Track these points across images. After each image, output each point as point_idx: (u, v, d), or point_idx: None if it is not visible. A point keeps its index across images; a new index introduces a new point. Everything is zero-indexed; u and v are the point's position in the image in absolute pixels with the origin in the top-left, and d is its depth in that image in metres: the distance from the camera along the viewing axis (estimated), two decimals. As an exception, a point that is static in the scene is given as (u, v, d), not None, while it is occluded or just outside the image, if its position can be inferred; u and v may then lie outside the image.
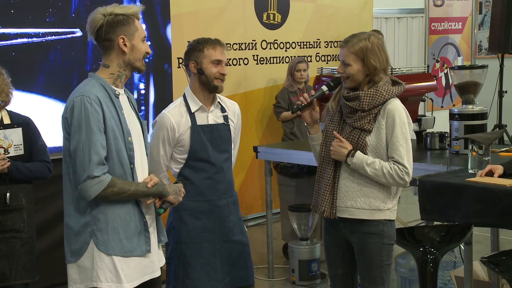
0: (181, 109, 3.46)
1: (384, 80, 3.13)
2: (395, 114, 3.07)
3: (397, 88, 3.14)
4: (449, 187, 3.46)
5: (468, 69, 4.80)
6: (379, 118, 3.10)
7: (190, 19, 6.37)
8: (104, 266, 2.75)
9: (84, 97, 2.70)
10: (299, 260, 5.10)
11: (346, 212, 3.15)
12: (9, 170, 3.49)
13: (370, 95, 3.08)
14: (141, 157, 2.90)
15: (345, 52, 3.12)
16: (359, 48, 3.09)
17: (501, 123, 7.35)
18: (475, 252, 3.71)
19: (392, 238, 3.18)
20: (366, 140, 3.10)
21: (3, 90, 3.57)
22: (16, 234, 3.57)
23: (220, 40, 3.54)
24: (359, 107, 3.10)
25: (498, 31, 7.19)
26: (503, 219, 3.27)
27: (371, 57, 3.08)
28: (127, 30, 2.79)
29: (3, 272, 3.53)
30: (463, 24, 9.43)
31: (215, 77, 3.43)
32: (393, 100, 3.12)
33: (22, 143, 3.58)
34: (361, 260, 3.19)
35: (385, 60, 3.13)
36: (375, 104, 3.08)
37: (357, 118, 3.11)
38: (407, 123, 3.11)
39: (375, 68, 3.09)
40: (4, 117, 3.60)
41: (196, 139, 3.42)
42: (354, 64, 3.09)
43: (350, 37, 3.14)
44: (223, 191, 3.50)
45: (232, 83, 6.75)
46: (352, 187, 3.13)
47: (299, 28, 7.26)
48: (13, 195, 3.55)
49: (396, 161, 3.06)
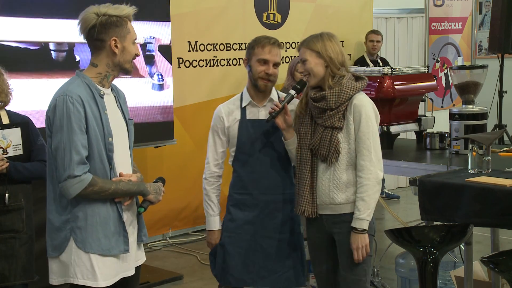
0: (235, 103, 3.50)
1: (347, 77, 3.24)
2: (361, 109, 3.18)
3: (360, 83, 3.25)
4: (449, 187, 3.46)
5: (468, 69, 4.80)
6: (347, 114, 3.21)
7: (190, 19, 6.38)
8: (81, 263, 2.80)
9: (67, 97, 2.72)
10: (299, 260, 5.09)
11: (327, 209, 3.27)
12: (8, 171, 3.48)
13: (336, 93, 3.19)
14: (124, 157, 2.93)
15: (301, 51, 3.29)
16: (312, 43, 3.25)
17: (501, 123, 7.34)
18: (475, 252, 3.71)
19: (373, 229, 3.29)
20: (338, 137, 3.20)
21: (3, 90, 3.56)
22: (15, 234, 3.56)
23: (274, 40, 3.50)
24: (327, 106, 3.21)
25: (498, 31, 7.19)
26: (503, 219, 3.27)
27: (325, 48, 3.22)
28: (120, 32, 2.80)
29: (2, 273, 3.52)
30: (463, 24, 9.43)
31: (259, 76, 3.42)
32: (358, 95, 3.23)
33: (21, 143, 3.57)
34: (343, 251, 3.26)
35: (339, 51, 3.24)
36: (341, 101, 3.19)
37: (327, 117, 3.22)
38: (373, 116, 3.22)
39: (331, 58, 3.21)
40: (3, 117, 3.60)
41: (243, 133, 3.43)
42: (310, 58, 3.23)
43: (305, 38, 3.32)
44: (268, 187, 3.45)
45: (232, 83, 6.75)
46: (329, 185, 3.24)
47: (299, 28, 7.26)
48: (12, 195, 3.54)
49: (360, 169, 3.17)
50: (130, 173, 2.95)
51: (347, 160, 3.22)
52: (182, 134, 6.24)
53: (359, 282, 3.26)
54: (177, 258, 5.94)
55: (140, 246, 3.05)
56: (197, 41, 6.49)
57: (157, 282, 5.22)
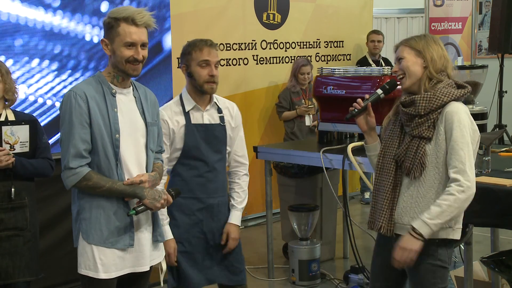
0: (177, 107, 3.46)
1: (446, 82, 2.89)
2: (453, 116, 2.81)
3: (460, 92, 2.87)
4: (449, 187, 3.45)
5: (468, 69, 4.81)
6: (438, 123, 2.84)
7: (190, 19, 6.38)
8: (85, 253, 2.87)
9: (72, 92, 2.82)
10: (299, 260, 5.10)
11: (404, 230, 2.90)
12: (14, 166, 3.53)
13: (427, 98, 2.84)
14: (138, 157, 2.94)
15: (400, 49, 2.94)
16: (414, 41, 2.91)
17: (501, 123, 7.34)
18: (475, 252, 3.72)
19: (447, 261, 2.93)
20: (425, 149, 2.85)
21: (11, 89, 3.64)
22: (19, 232, 3.59)
23: (209, 41, 3.45)
24: (415, 112, 2.85)
25: (498, 31, 7.18)
26: (503, 219, 3.27)
27: (427, 47, 2.88)
28: (109, 34, 2.85)
29: (6, 270, 3.55)
30: (463, 24, 9.43)
31: (204, 80, 3.38)
32: (453, 103, 2.85)
33: (28, 141, 3.62)
34: (413, 280, 2.98)
35: (442, 55, 2.90)
36: (432, 108, 2.83)
37: (415, 125, 2.86)
38: (468, 126, 2.82)
39: (432, 58, 2.87)
40: (9, 115, 3.65)
41: (190, 138, 3.42)
42: (408, 55, 2.89)
43: (406, 38, 3.00)
44: (214, 190, 3.50)
45: (232, 83, 6.75)
46: (411, 203, 2.90)
47: (299, 28, 7.26)
48: (16, 193, 3.57)
49: (453, 174, 2.78)
50: (144, 172, 2.96)
51: (434, 176, 2.86)
52: (182, 134, 6.23)
53: None
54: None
55: (157, 246, 3.07)
56: (197, 41, 6.48)
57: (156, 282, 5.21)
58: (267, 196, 5.23)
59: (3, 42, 4.65)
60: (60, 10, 4.88)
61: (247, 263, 5.68)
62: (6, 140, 3.55)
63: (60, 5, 4.88)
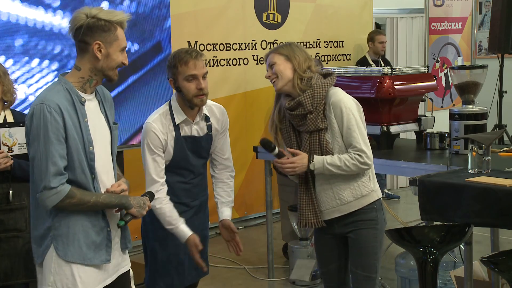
0: (166, 118, 3.42)
1: (314, 77, 3.25)
2: (340, 103, 3.18)
3: (330, 79, 3.27)
4: (449, 187, 3.45)
5: (468, 69, 4.80)
6: (327, 113, 3.21)
7: (190, 19, 6.38)
8: (61, 272, 2.71)
9: (44, 105, 2.61)
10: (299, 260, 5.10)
11: (336, 212, 3.28)
12: (12, 168, 3.50)
13: (310, 95, 3.20)
14: (107, 165, 2.83)
15: (270, 56, 3.31)
16: (282, 49, 3.29)
17: (501, 123, 7.34)
18: (475, 252, 3.71)
19: (384, 223, 3.33)
20: (326, 138, 3.21)
21: (9, 90, 3.62)
22: (18, 233, 3.57)
23: (194, 52, 3.35)
24: (305, 111, 3.21)
25: (498, 31, 7.18)
26: (503, 219, 3.27)
27: (293, 53, 3.25)
28: (106, 37, 2.69)
29: (5, 271, 3.54)
30: (463, 24, 9.43)
31: (193, 94, 3.33)
32: (333, 92, 3.23)
33: None
34: (355, 249, 3.30)
35: (306, 57, 3.28)
36: (317, 101, 3.20)
37: (309, 121, 3.22)
38: (354, 108, 3.21)
39: (299, 62, 3.24)
40: (7, 116, 3.64)
41: (179, 150, 3.44)
42: (279, 61, 3.25)
43: (274, 47, 3.37)
44: (197, 193, 3.56)
45: (232, 83, 6.75)
46: (332, 187, 3.25)
47: (299, 28, 7.26)
48: (15, 194, 3.55)
49: (354, 149, 3.17)
50: (113, 180, 2.85)
51: None
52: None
53: (369, 279, 3.32)
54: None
55: (125, 253, 2.95)
56: (197, 41, 6.49)
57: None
58: (267, 196, 5.24)
59: (3, 42, 4.65)
60: (60, 10, 4.88)
61: (247, 263, 5.69)
62: (4, 142, 3.52)
63: (60, 5, 4.88)
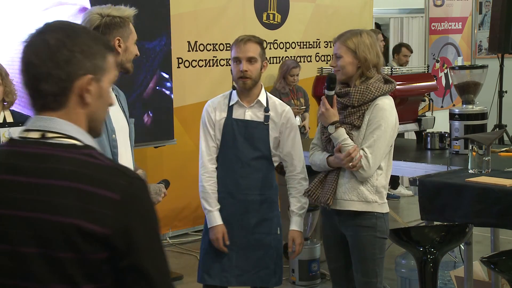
0: (224, 100, 3.54)
1: (376, 77, 3.19)
2: (382, 112, 3.14)
3: (388, 86, 3.20)
4: (449, 187, 3.45)
5: (468, 69, 4.80)
6: (366, 114, 3.17)
7: (190, 19, 6.38)
8: None
9: None
10: (299, 260, 5.10)
11: (338, 205, 3.25)
12: None
13: (360, 92, 3.15)
14: (127, 155, 2.91)
15: (337, 45, 3.21)
16: (351, 41, 3.17)
17: (501, 123, 7.34)
18: (475, 252, 3.71)
19: (385, 232, 3.26)
20: (352, 133, 3.18)
21: (11, 91, 3.66)
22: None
23: (246, 37, 3.48)
24: (349, 103, 3.18)
25: (498, 31, 7.19)
26: (503, 219, 3.27)
27: (362, 49, 3.15)
28: (123, 32, 2.81)
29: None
30: (463, 24, 9.43)
31: (237, 76, 3.46)
32: (382, 98, 3.18)
33: None
34: (354, 253, 3.29)
35: (375, 55, 3.19)
36: (364, 101, 3.15)
37: (347, 113, 3.19)
38: (390, 125, 3.15)
39: (366, 59, 3.15)
40: (7, 117, 3.67)
41: (228, 130, 3.45)
42: (346, 56, 3.17)
43: (343, 33, 3.25)
44: (246, 187, 3.47)
45: (232, 83, 6.75)
46: (346, 182, 3.22)
47: (299, 28, 7.26)
48: None
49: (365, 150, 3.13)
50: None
51: None
52: (181, 134, 6.23)
53: (369, 283, 3.27)
54: (177, 258, 5.94)
55: None
56: (197, 41, 6.48)
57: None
58: (267, 196, 5.22)
59: (3, 42, 4.65)
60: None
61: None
62: None
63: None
